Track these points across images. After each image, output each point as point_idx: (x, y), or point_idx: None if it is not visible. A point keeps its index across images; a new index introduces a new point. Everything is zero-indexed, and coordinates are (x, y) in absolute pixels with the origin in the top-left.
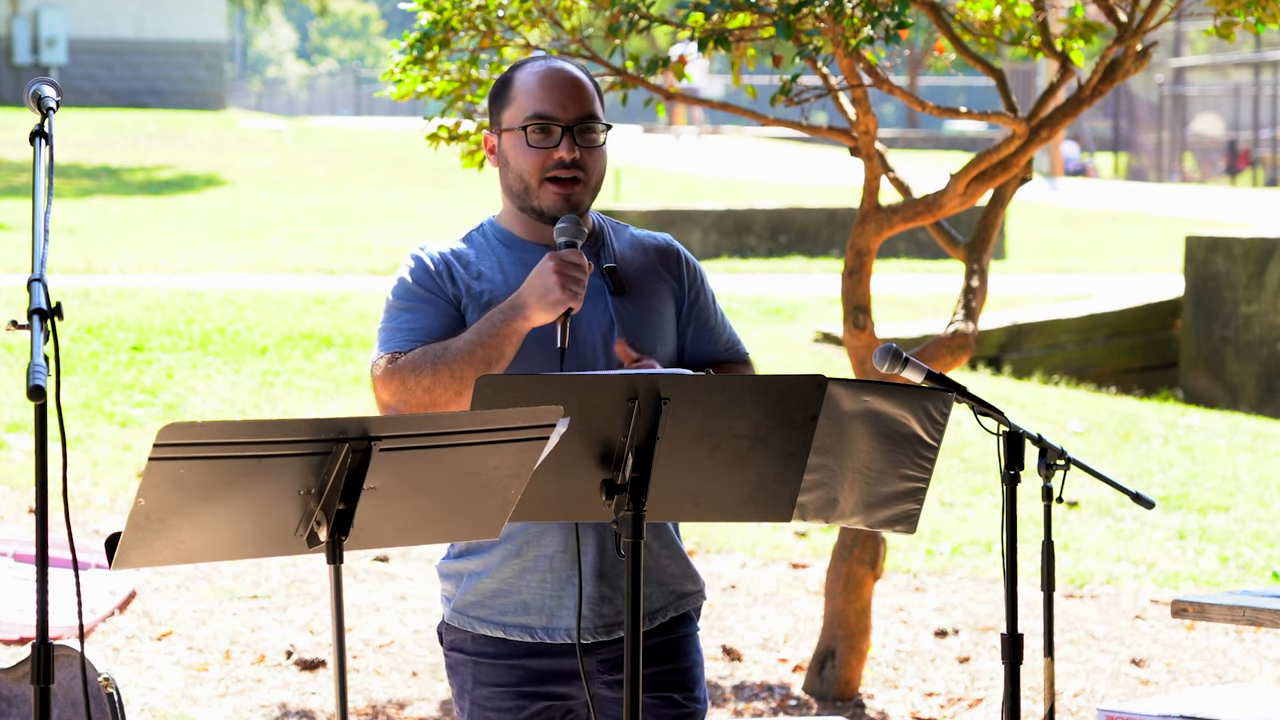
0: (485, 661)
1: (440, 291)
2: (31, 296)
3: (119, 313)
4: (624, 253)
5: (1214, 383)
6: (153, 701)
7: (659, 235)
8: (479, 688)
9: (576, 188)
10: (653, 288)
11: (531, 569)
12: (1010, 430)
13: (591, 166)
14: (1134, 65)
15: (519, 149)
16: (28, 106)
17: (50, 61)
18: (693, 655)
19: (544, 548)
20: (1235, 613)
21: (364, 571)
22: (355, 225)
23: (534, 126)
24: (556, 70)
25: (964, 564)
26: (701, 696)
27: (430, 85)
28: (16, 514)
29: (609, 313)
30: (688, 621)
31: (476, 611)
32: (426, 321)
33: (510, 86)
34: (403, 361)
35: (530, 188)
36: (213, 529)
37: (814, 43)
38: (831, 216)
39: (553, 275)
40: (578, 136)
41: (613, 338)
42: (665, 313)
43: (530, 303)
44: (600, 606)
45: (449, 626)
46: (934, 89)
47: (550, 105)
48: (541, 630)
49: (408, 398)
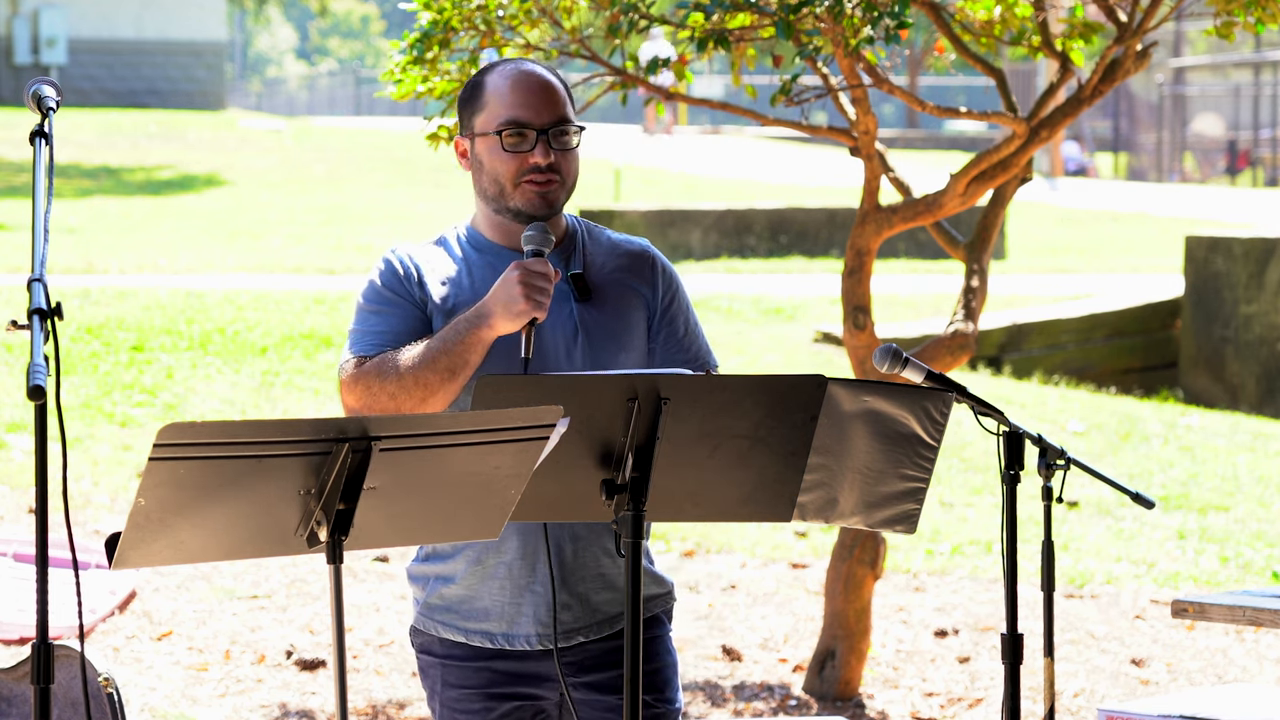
0: (453, 664)
1: (408, 295)
2: (31, 296)
3: (119, 313)
4: (597, 257)
5: (1214, 383)
6: (153, 701)
7: (636, 240)
8: (448, 689)
9: (553, 186)
10: (622, 294)
11: (491, 576)
12: (1010, 430)
13: (566, 168)
14: (1134, 65)
15: (494, 154)
16: (28, 106)
17: (50, 61)
18: (662, 656)
19: (503, 554)
20: (1235, 613)
21: (364, 571)
22: (355, 225)
23: (509, 132)
24: (528, 74)
25: (964, 564)
26: (673, 697)
27: (430, 85)
28: (16, 514)
29: (574, 318)
30: (657, 624)
31: (441, 616)
32: (393, 325)
33: (481, 91)
34: (368, 366)
35: (505, 190)
36: (213, 529)
37: (814, 43)
38: (831, 216)
39: (517, 285)
40: (552, 140)
41: (576, 344)
42: (633, 319)
43: (495, 311)
44: (560, 614)
45: (416, 630)
46: (934, 89)
47: (524, 110)
48: (501, 637)
49: (371, 403)
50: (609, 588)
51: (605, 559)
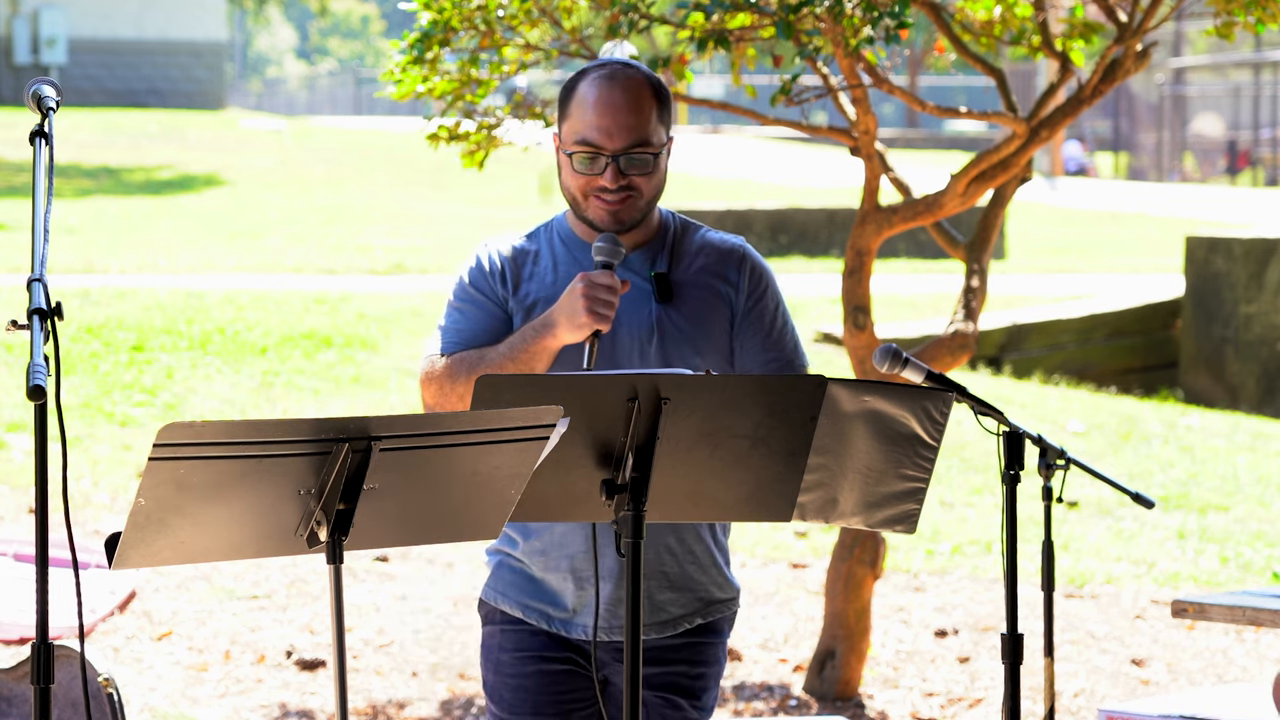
0: (511, 630)
1: (492, 294)
2: (31, 296)
3: (119, 313)
4: (685, 257)
5: (1214, 383)
6: (153, 701)
7: (731, 238)
8: (503, 653)
9: (625, 205)
10: (704, 295)
11: (554, 569)
12: (1010, 430)
13: (643, 186)
14: (1134, 65)
15: (568, 168)
16: (28, 106)
17: (50, 61)
18: (709, 665)
19: (567, 548)
20: (1235, 613)
21: (364, 571)
22: (355, 225)
23: (580, 154)
24: (614, 91)
25: (964, 564)
26: (708, 705)
27: (430, 85)
28: (16, 514)
29: (651, 318)
30: (714, 631)
31: (504, 589)
32: (474, 324)
33: (570, 99)
34: (442, 366)
35: (578, 202)
36: (213, 529)
37: (814, 43)
38: (831, 216)
39: (581, 298)
40: (624, 164)
41: (651, 344)
42: (713, 321)
43: (559, 322)
44: (617, 609)
45: (482, 602)
46: (934, 89)
47: (597, 134)
48: (560, 623)
49: (443, 402)
50: (672, 587)
51: (668, 557)
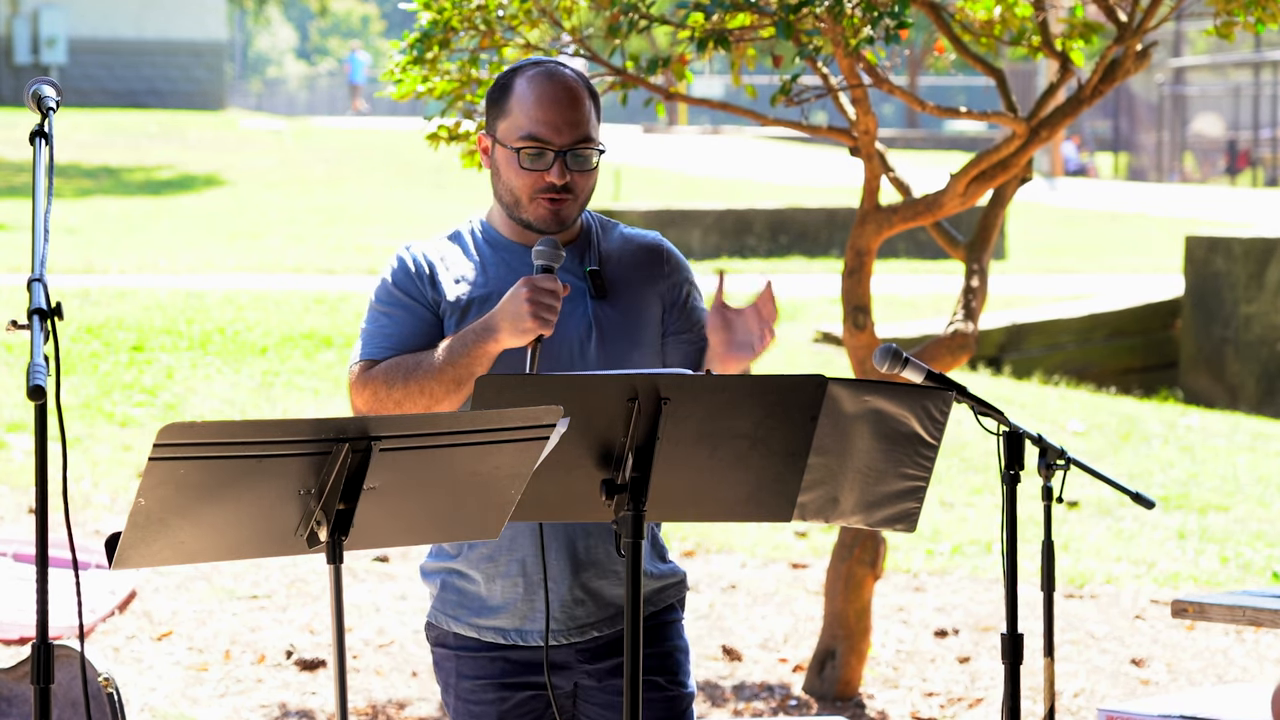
0: (467, 655)
1: (420, 296)
2: (31, 296)
3: (119, 313)
4: (611, 252)
5: (1214, 383)
6: (153, 701)
7: (648, 234)
8: (462, 680)
9: (565, 204)
10: (637, 290)
11: (504, 574)
12: (1010, 430)
13: (582, 185)
14: (1134, 65)
15: (511, 166)
16: (28, 106)
17: (50, 61)
18: (675, 640)
19: (516, 552)
20: (1235, 613)
21: (364, 571)
22: (355, 225)
23: (527, 150)
24: (555, 86)
25: (964, 564)
26: (686, 682)
27: (430, 85)
28: (16, 514)
29: (588, 316)
30: (670, 611)
31: (453, 611)
32: (402, 328)
33: (508, 96)
34: (376, 371)
35: (520, 202)
36: (213, 529)
37: (814, 43)
38: (831, 216)
39: (525, 302)
40: (569, 160)
41: (590, 341)
42: (648, 315)
43: (502, 327)
44: (574, 609)
45: (430, 624)
46: (934, 89)
47: (545, 129)
48: (514, 633)
49: (378, 407)
50: (622, 582)
51: (612, 561)
